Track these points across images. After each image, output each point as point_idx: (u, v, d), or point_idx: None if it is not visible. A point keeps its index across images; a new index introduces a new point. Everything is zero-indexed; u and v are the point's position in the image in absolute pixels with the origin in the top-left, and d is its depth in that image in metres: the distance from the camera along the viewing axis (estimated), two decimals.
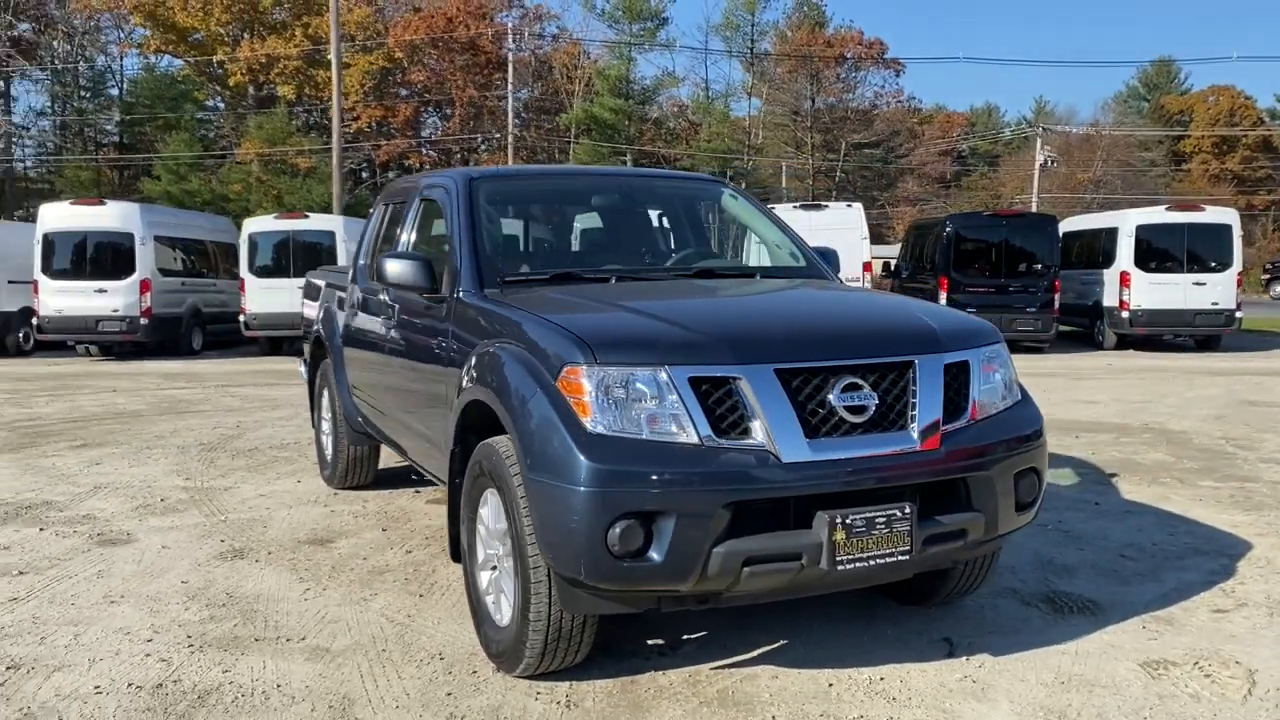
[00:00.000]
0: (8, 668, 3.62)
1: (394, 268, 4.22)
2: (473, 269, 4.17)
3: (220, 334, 19.67)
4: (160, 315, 17.60)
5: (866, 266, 17.30)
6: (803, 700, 3.37)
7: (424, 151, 45.79)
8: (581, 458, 3.07)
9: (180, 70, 45.50)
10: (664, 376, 3.15)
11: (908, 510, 3.25)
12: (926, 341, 3.53)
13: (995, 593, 4.43)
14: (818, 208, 18.50)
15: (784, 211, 18.14)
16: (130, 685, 3.46)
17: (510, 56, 40.08)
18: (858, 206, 18.49)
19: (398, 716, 3.25)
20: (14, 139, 46.02)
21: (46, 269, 17.14)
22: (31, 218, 20.01)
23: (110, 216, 17.53)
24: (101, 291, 17.16)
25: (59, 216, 17.48)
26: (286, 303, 16.60)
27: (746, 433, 3.17)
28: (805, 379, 3.25)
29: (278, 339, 18.34)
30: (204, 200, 36.87)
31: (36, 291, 17.13)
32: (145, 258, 17.31)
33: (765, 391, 3.18)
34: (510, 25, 43.69)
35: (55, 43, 46.26)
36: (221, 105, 47.79)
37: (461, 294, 4.11)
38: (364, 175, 47.03)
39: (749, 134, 50.07)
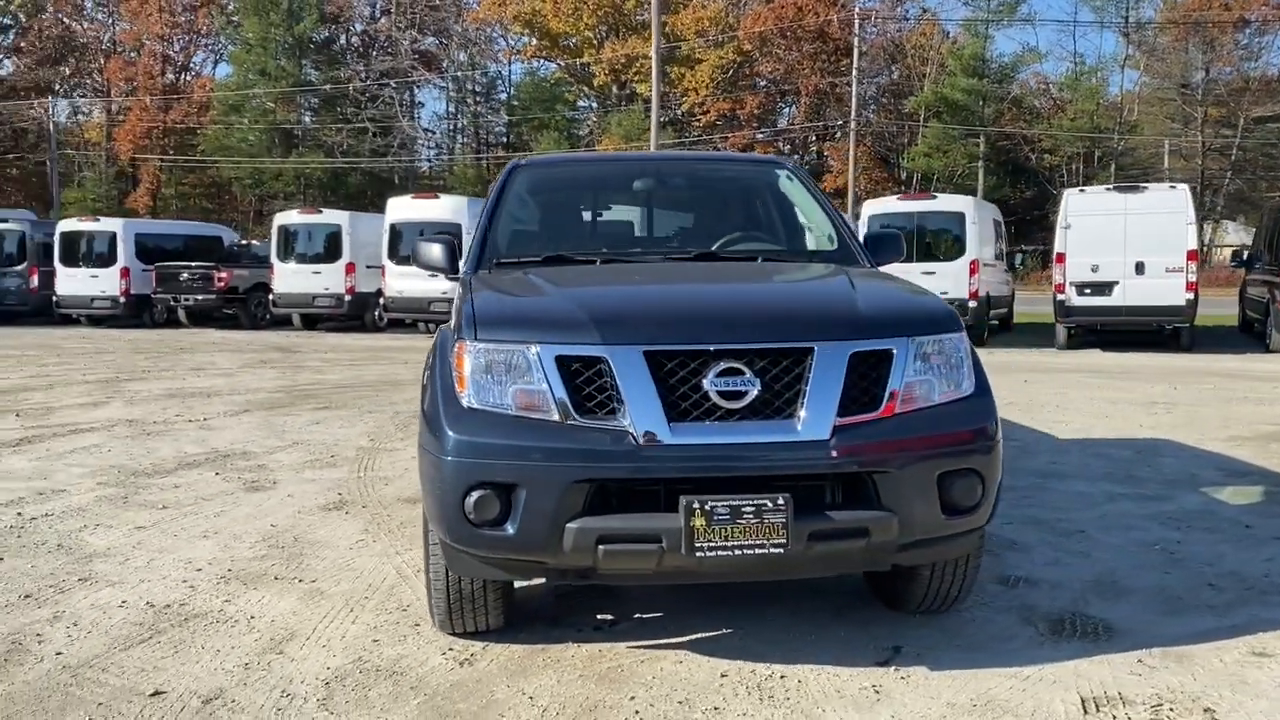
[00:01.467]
0: (80, 579, 4.39)
1: (422, 250, 4.58)
2: (476, 250, 4.44)
3: None
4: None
5: (1191, 255, 15.44)
6: (679, 686, 3.33)
7: (770, 142, 46.29)
8: (447, 429, 3.25)
9: (553, 73, 49.29)
10: (533, 354, 3.24)
11: (781, 502, 3.09)
12: (833, 328, 3.33)
13: (1004, 606, 4.04)
14: (1135, 189, 16.73)
15: (1095, 195, 16.66)
16: (147, 604, 4.09)
17: (856, 41, 39.52)
18: (1183, 188, 16.51)
19: (315, 653, 3.60)
20: (418, 141, 51.97)
21: (392, 255, 19.41)
22: None
23: (442, 209, 19.54)
24: (434, 275, 19.15)
25: (402, 208, 19.78)
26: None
27: (611, 413, 3.18)
28: (681, 362, 3.20)
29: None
30: None
31: (384, 275, 19.52)
32: None
33: (630, 372, 3.17)
34: (858, 9, 43.02)
35: (454, 53, 51.70)
36: (595, 105, 51.17)
37: (462, 274, 4.39)
38: None
39: (1121, 110, 45.80)
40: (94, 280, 22.09)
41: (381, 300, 19.80)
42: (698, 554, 3.11)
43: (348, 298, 20.51)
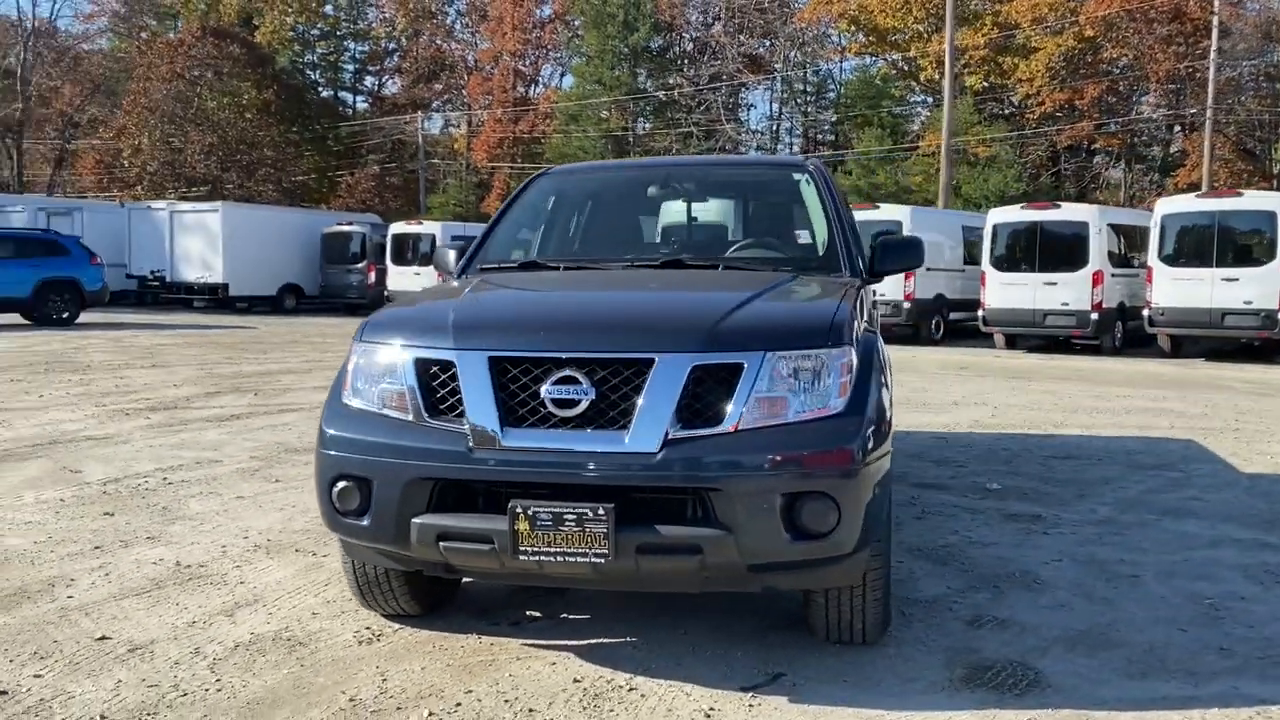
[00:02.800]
0: (148, 537, 5.12)
1: (438, 254, 4.89)
2: (470, 255, 4.67)
3: (958, 322, 20.00)
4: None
5: None
6: (521, 687, 3.40)
7: (1114, 134, 42.56)
8: (324, 424, 3.54)
9: (879, 69, 48.37)
10: (398, 357, 3.45)
11: (602, 512, 3.10)
12: (678, 340, 3.26)
13: (940, 646, 3.73)
14: None
15: None
16: (175, 563, 4.74)
17: (1215, 20, 35.44)
18: None
19: (255, 619, 4.00)
20: (741, 144, 52.80)
21: None
22: None
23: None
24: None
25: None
26: (1026, 299, 17.05)
27: (458, 416, 3.32)
28: (525, 368, 3.27)
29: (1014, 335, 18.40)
30: (887, 192, 39.05)
31: None
32: None
33: (473, 377, 3.30)
34: None
35: (783, 52, 52.03)
36: (929, 99, 49.58)
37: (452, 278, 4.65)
38: (1051, 162, 45.24)
39: None
40: (416, 277, 24.53)
41: None
42: (521, 557, 3.18)
43: None
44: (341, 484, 3.42)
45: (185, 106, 40.11)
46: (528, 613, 4.08)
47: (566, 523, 3.13)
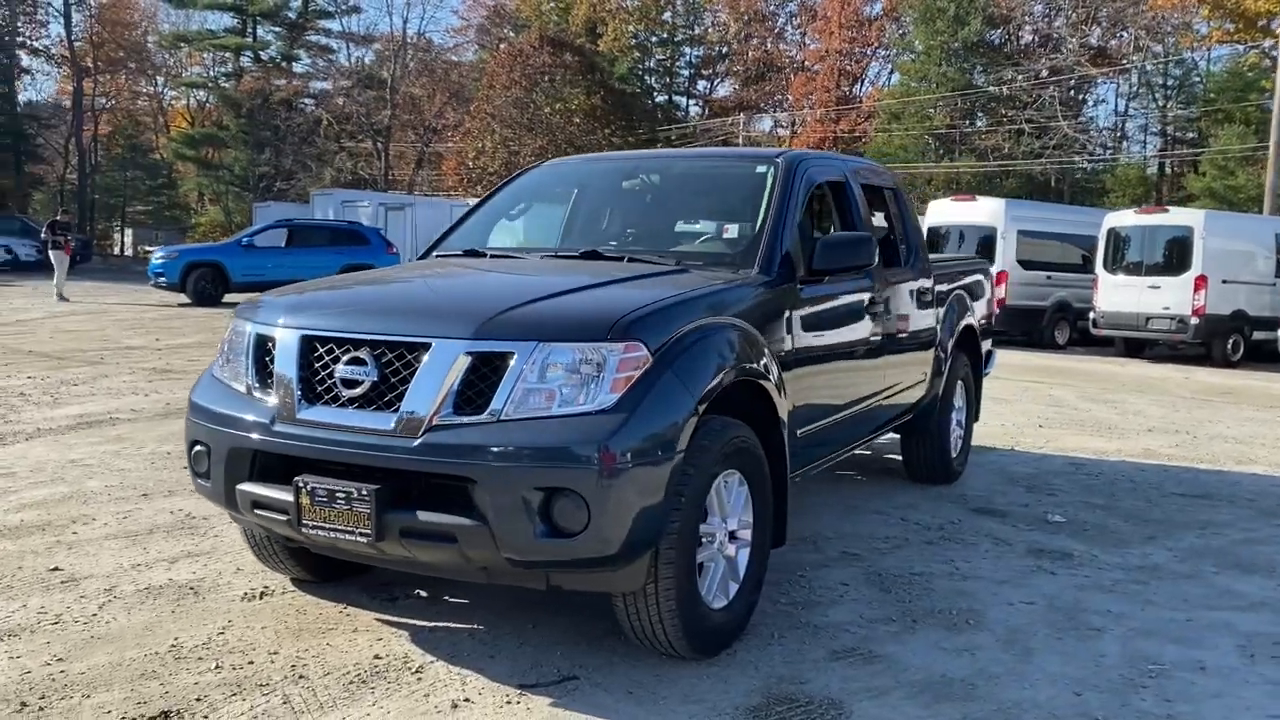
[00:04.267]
0: None
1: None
2: (432, 243, 4.89)
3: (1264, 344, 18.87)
4: (1017, 306, 18.29)
5: None
6: (321, 657, 3.58)
7: None
8: (190, 392, 3.91)
9: (1244, 59, 43.16)
10: (245, 332, 3.75)
11: (365, 492, 3.23)
12: (456, 324, 3.31)
13: (770, 676, 3.49)
14: None
15: None
16: (187, 515, 5.30)
17: None
18: None
19: (183, 569, 4.45)
20: (1080, 142, 48.99)
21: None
22: None
23: (979, 212, 18.82)
24: None
25: (941, 211, 19.50)
26: (1138, 302, 16.58)
27: (272, 389, 3.57)
28: (329, 347, 3.46)
29: (1136, 341, 17.61)
30: (1247, 197, 35.08)
31: None
32: (1006, 250, 18.19)
33: (286, 353, 3.54)
34: None
35: (1137, 43, 47.76)
36: None
37: None
38: None
39: None
40: None
41: None
42: (304, 530, 3.37)
43: None
44: (196, 448, 3.76)
45: (521, 112, 43.30)
46: (417, 591, 4.24)
47: (338, 501, 3.27)
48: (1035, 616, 4.14)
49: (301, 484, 3.32)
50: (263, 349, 3.64)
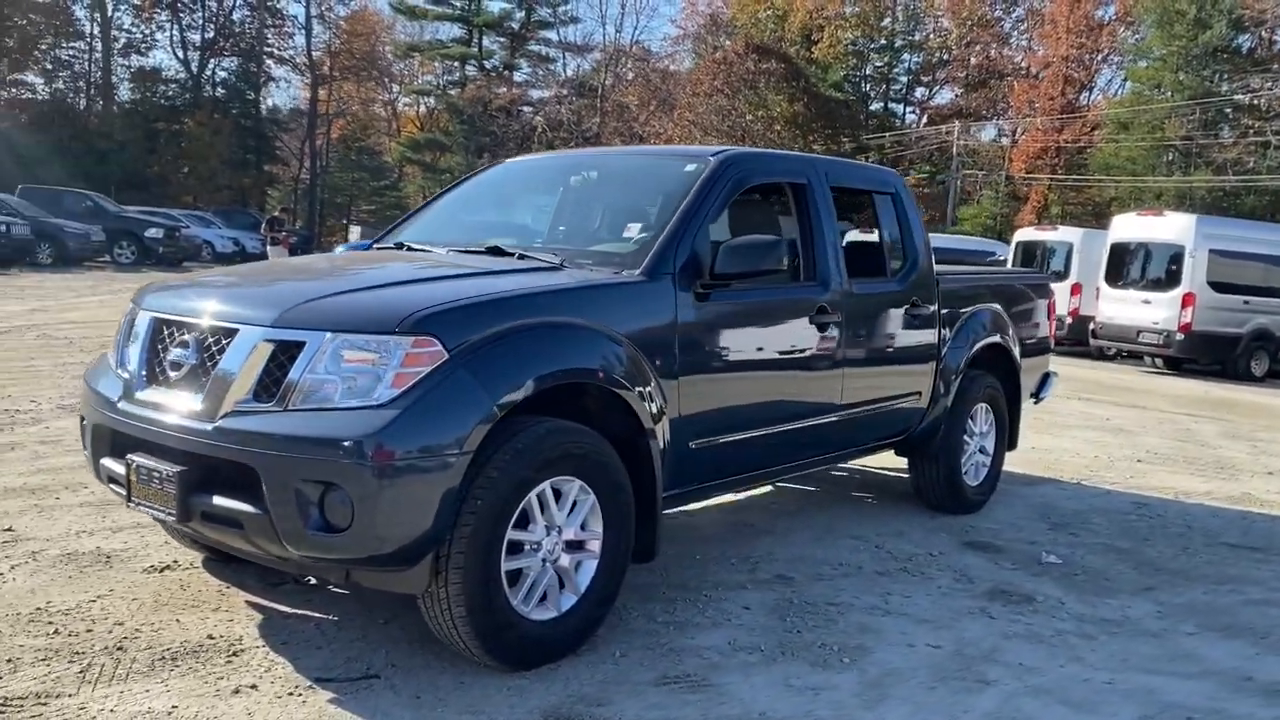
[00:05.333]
0: None
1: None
2: (381, 233, 4.97)
3: None
4: (1207, 333, 16.76)
5: None
6: (162, 632, 3.70)
7: None
8: (84, 373, 4.11)
9: None
10: (125, 312, 3.92)
11: (170, 473, 3.32)
12: (261, 311, 3.36)
13: (571, 696, 3.34)
14: None
15: None
16: None
17: None
18: None
19: (110, 538, 4.67)
20: None
21: (1110, 277, 17.93)
22: None
23: (1167, 227, 17.35)
24: (1147, 303, 17.24)
25: (1125, 226, 18.10)
26: None
27: (127, 369, 3.72)
28: (171, 331, 3.59)
29: None
30: None
31: (1097, 297, 18.13)
32: (1194, 270, 16.68)
33: (138, 334, 3.70)
34: None
35: None
36: None
37: None
38: None
39: None
40: None
41: (1092, 326, 18.40)
42: (132, 505, 3.50)
43: (1069, 320, 19.37)
44: (81, 422, 3.97)
45: (723, 118, 43.37)
46: (308, 578, 4.31)
47: (153, 480, 3.37)
48: (926, 661, 3.76)
49: (130, 462, 3.44)
50: (129, 330, 3.80)
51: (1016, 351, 6.17)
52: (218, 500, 3.24)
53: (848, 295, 4.80)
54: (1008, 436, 6.22)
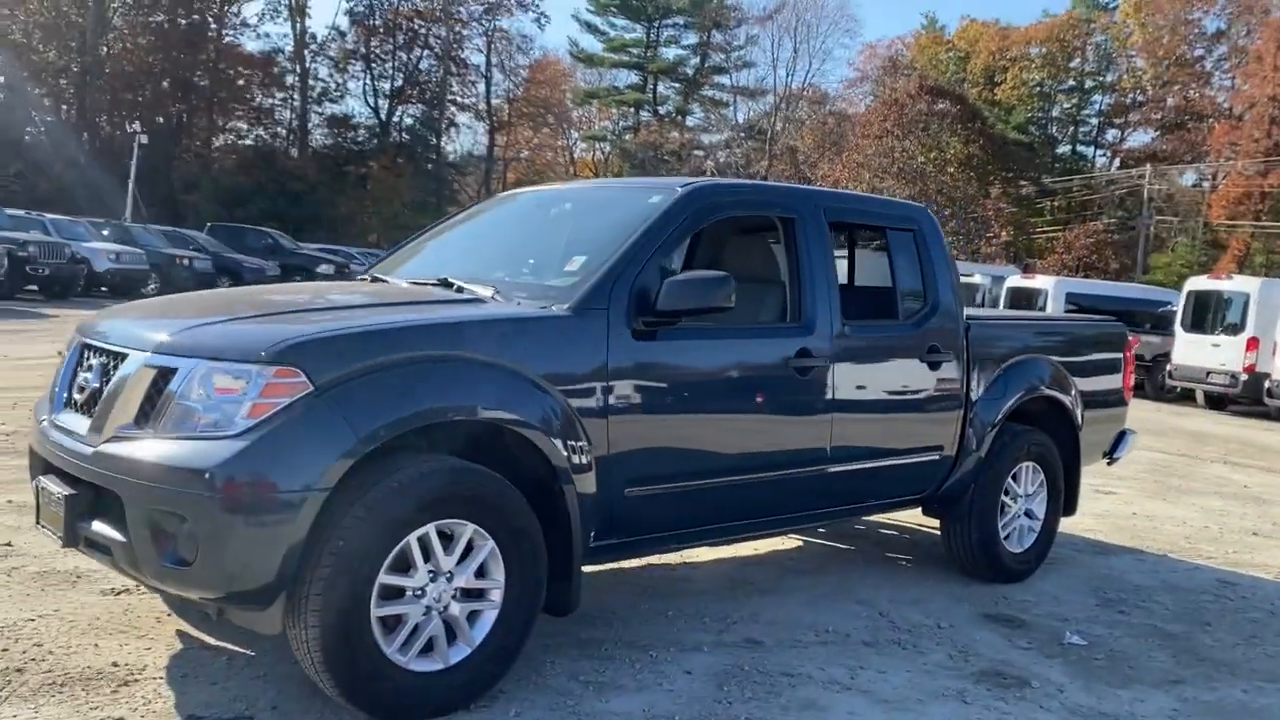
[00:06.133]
0: None
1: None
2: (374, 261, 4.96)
3: None
4: None
5: None
6: (46, 644, 3.71)
7: None
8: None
9: None
10: (74, 341, 3.95)
11: (59, 496, 3.33)
12: (149, 337, 3.34)
13: None
14: None
15: None
16: None
17: None
18: None
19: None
20: None
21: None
22: None
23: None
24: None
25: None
26: None
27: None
28: (88, 355, 3.61)
29: None
30: None
31: (1274, 352, 16.79)
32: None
33: (70, 359, 3.73)
34: None
35: None
36: None
37: None
38: None
39: None
40: None
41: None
42: (40, 526, 3.53)
43: (1244, 376, 17.82)
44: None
45: (892, 160, 42.44)
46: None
47: (51, 503, 3.37)
48: None
49: (38, 484, 3.47)
50: (66, 356, 3.86)
51: (1075, 405, 5.58)
52: (95, 526, 3.21)
53: (840, 338, 4.42)
54: (1062, 499, 5.61)
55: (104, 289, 22.12)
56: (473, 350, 3.41)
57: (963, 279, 22.12)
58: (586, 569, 3.76)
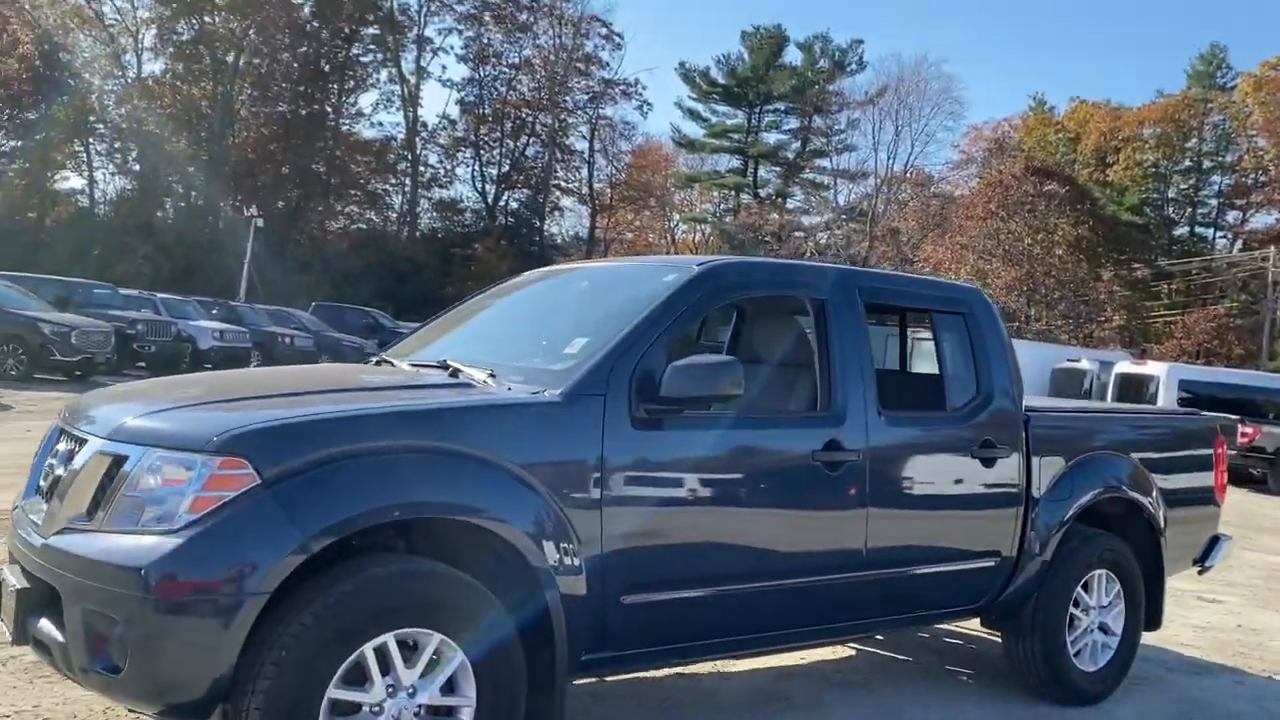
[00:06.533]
0: None
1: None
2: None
3: None
4: None
5: None
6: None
7: None
8: None
9: None
10: (52, 425, 3.83)
11: (12, 589, 3.14)
12: (106, 423, 3.16)
13: None
14: None
15: None
16: None
17: None
18: None
19: None
20: None
21: None
22: None
23: None
24: None
25: None
26: None
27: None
28: (62, 439, 3.45)
29: None
30: None
31: None
32: None
33: (45, 444, 3.59)
34: None
35: None
36: None
37: None
38: None
39: None
40: None
41: None
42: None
43: None
44: None
45: (998, 242, 41.51)
46: None
47: (7, 595, 3.19)
48: None
49: (1, 573, 3.31)
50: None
51: (1156, 507, 5.02)
52: (41, 623, 3.01)
53: (876, 430, 4.03)
54: (1143, 612, 5.02)
55: (208, 365, 22.75)
56: (444, 439, 3.15)
57: (1068, 364, 21.10)
58: (578, 681, 3.42)
